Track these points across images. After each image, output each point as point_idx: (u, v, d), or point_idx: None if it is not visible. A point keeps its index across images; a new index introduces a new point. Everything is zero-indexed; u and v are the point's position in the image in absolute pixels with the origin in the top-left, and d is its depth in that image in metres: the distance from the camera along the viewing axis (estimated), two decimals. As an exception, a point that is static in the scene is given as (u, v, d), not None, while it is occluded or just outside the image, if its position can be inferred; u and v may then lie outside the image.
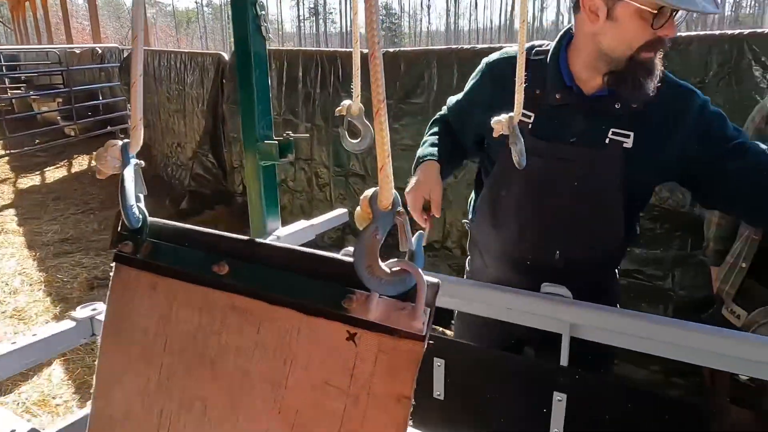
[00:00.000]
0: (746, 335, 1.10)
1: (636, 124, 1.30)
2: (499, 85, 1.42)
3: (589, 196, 1.34)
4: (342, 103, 1.40)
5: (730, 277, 1.78)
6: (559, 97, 1.35)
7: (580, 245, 1.41)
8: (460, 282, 1.40)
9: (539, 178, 1.38)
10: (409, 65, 3.29)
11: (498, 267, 1.56)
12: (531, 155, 1.31)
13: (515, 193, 1.43)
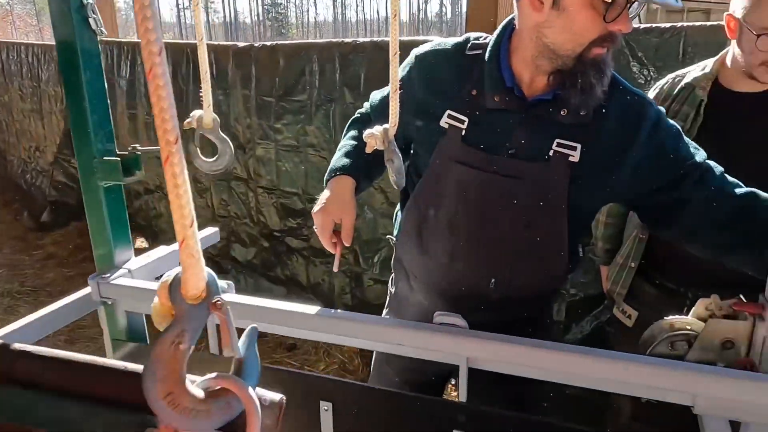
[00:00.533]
0: (639, 360, 1.04)
1: (584, 135, 1.14)
2: (431, 82, 1.25)
3: (530, 217, 1.18)
4: (191, 115, 1.16)
5: (621, 277, 1.76)
6: (497, 99, 1.17)
7: (519, 274, 1.24)
8: (343, 316, 1.23)
9: (473, 195, 1.20)
10: (288, 60, 3.05)
11: (425, 293, 1.38)
12: (463, 167, 1.18)
13: (445, 212, 1.23)
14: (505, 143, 1.18)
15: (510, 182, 1.17)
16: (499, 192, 1.18)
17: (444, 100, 1.20)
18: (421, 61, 1.28)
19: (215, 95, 3.50)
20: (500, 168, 1.17)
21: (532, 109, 1.17)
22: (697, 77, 1.57)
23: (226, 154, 1.18)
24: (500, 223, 1.20)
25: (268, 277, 3.56)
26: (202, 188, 3.82)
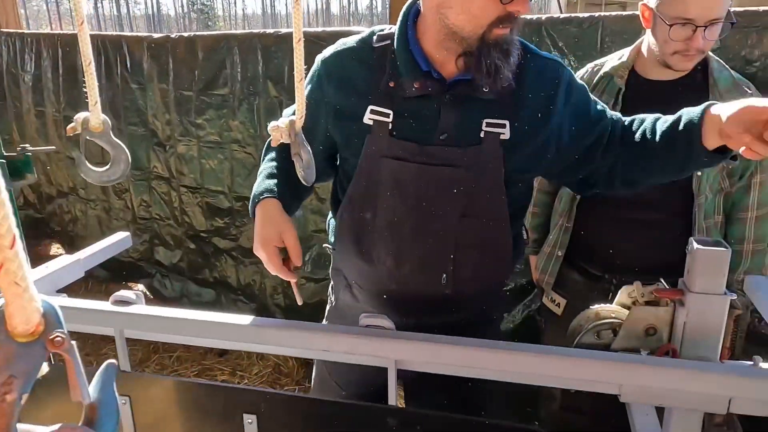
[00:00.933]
0: (566, 353, 1.04)
1: (509, 110, 1.13)
2: (343, 83, 1.20)
3: (471, 203, 1.15)
4: (75, 118, 1.02)
5: (548, 265, 1.78)
6: (417, 86, 1.13)
7: (468, 264, 1.21)
8: (266, 324, 1.15)
9: (409, 189, 1.15)
10: (207, 52, 2.90)
11: (371, 301, 1.31)
12: (395, 162, 1.13)
13: (383, 213, 1.18)
14: (435, 130, 1.14)
15: (445, 171, 1.13)
16: (435, 182, 1.15)
17: (362, 98, 1.16)
18: (327, 65, 1.24)
19: (129, 89, 3.30)
20: (433, 157, 1.14)
21: (453, 90, 1.14)
22: (614, 66, 1.59)
23: (121, 161, 1.05)
24: (441, 215, 1.17)
25: (196, 280, 3.40)
26: (120, 189, 3.59)
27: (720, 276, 1.00)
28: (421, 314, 1.25)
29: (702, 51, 1.44)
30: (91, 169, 1.03)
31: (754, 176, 1.54)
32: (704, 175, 1.51)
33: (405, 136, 1.15)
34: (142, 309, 1.23)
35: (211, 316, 1.21)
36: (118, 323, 1.24)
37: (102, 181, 1.05)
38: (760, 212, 1.58)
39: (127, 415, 1.23)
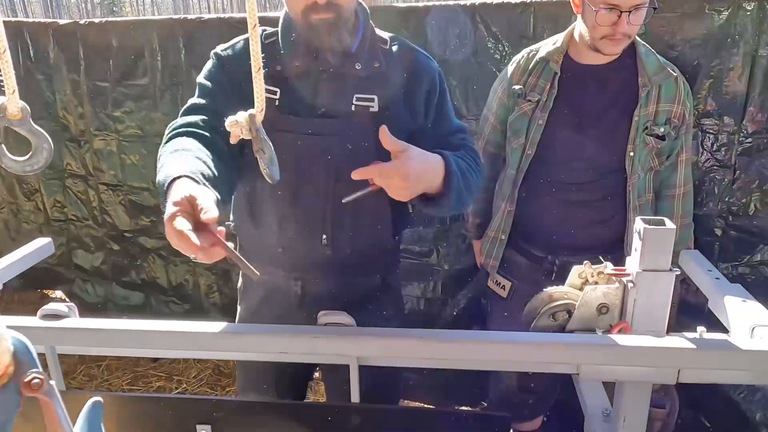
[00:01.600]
0: (525, 338, 1.06)
1: (378, 87, 1.28)
2: (236, 73, 1.29)
3: (344, 170, 1.20)
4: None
5: (493, 249, 1.80)
6: (298, 63, 1.28)
7: (346, 228, 1.31)
8: (212, 328, 1.09)
9: (292, 157, 1.26)
10: (122, 39, 2.70)
11: (266, 268, 1.35)
12: (281, 133, 1.23)
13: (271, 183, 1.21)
14: (315, 105, 1.28)
15: (323, 140, 1.27)
16: (314, 151, 1.27)
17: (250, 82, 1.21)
18: (220, 58, 1.34)
19: (35, 80, 3.03)
20: (313, 129, 1.27)
21: (331, 68, 1.27)
22: (549, 51, 1.63)
23: (44, 150, 0.97)
24: (318, 180, 1.28)
25: (122, 283, 3.20)
26: (29, 189, 3.31)
27: (666, 253, 1.04)
28: (308, 275, 1.36)
29: (628, 35, 1.50)
30: (11, 159, 0.94)
31: (680, 155, 1.63)
32: (636, 155, 1.57)
33: (290, 111, 1.27)
34: (76, 322, 1.13)
35: (156, 325, 1.13)
36: (50, 339, 1.13)
37: (25, 171, 0.96)
38: (686, 189, 1.67)
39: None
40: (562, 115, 1.62)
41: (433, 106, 1.34)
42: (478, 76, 2.00)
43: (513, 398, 1.95)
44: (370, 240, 1.35)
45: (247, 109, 1.05)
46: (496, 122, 1.77)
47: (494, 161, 1.84)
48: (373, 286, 1.44)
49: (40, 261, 1.49)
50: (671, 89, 1.55)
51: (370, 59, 1.28)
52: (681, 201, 1.67)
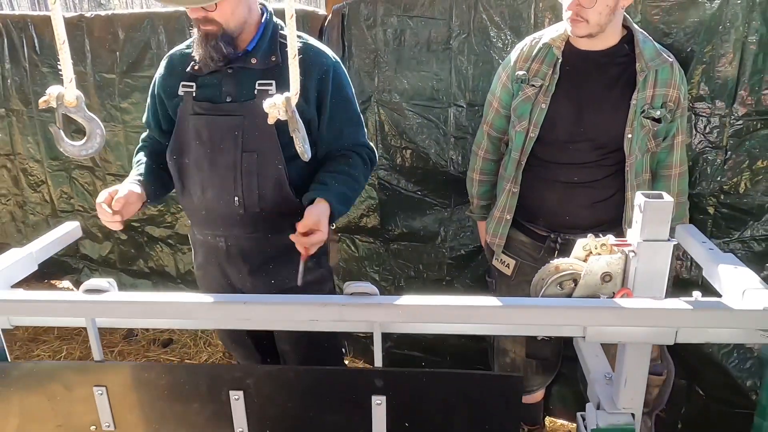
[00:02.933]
0: (536, 303, 1.14)
1: (276, 77, 1.55)
2: (170, 72, 1.66)
3: (251, 144, 1.56)
4: (48, 92, 0.99)
5: (498, 229, 1.89)
6: (206, 63, 1.55)
7: (253, 188, 1.59)
8: (252, 299, 1.16)
9: (206, 136, 1.59)
10: (129, 32, 2.76)
11: (199, 229, 1.74)
12: (197, 117, 1.59)
13: (192, 155, 1.62)
14: (224, 94, 1.59)
15: (232, 119, 1.57)
16: (224, 128, 1.58)
17: (178, 80, 1.64)
18: (165, 59, 1.73)
19: (40, 73, 3.08)
20: (224, 111, 1.58)
21: (234, 63, 1.57)
22: (553, 38, 1.71)
23: (97, 135, 1.04)
24: (229, 152, 1.58)
25: (130, 272, 3.27)
26: (35, 181, 3.37)
27: (665, 224, 1.13)
28: (229, 232, 1.66)
29: (584, 18, 1.57)
30: (69, 143, 1.01)
31: (676, 137, 1.71)
32: (634, 137, 1.66)
33: (203, 98, 1.60)
34: (118, 296, 1.20)
35: (188, 297, 1.20)
36: (91, 312, 1.20)
37: (81, 155, 1.03)
38: (682, 169, 1.76)
39: (104, 405, 1.21)
40: (563, 99, 1.70)
41: (326, 97, 1.60)
42: (486, 63, 2.08)
43: (517, 371, 2.05)
44: (276, 200, 1.61)
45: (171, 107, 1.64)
46: (499, 107, 1.84)
47: (497, 144, 1.92)
48: (288, 242, 1.59)
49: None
50: (667, 74, 1.64)
51: (267, 54, 1.57)
52: (677, 180, 1.75)
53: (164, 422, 1.23)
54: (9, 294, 1.25)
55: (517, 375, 1.14)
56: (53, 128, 1.04)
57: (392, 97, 2.26)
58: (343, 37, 2.29)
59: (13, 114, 3.25)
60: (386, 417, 1.14)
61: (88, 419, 1.23)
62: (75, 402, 1.22)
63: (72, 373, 1.22)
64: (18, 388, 1.25)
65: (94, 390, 1.20)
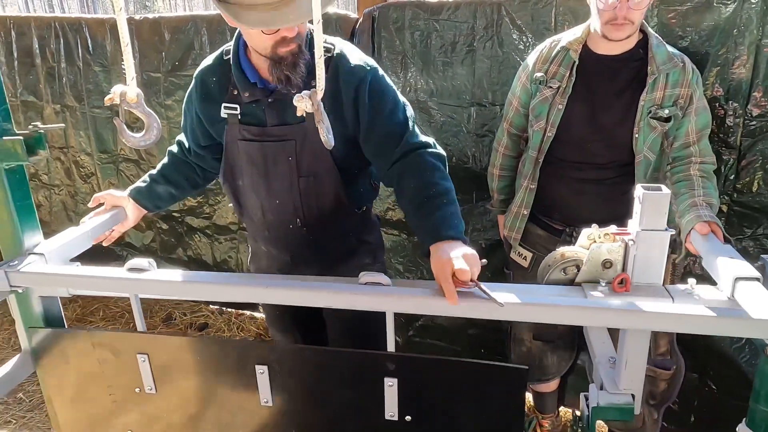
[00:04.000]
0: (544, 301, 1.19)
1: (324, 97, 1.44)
2: (205, 93, 1.57)
3: (305, 167, 1.52)
4: (112, 90, 1.15)
5: (516, 223, 1.98)
6: (248, 95, 1.49)
7: (314, 209, 1.58)
8: (276, 284, 1.28)
9: (258, 160, 1.54)
10: (174, 34, 2.94)
11: (263, 243, 1.74)
12: (244, 142, 1.53)
13: (246, 179, 1.59)
14: (268, 117, 1.50)
15: (284, 145, 1.50)
16: (278, 154, 1.52)
17: (218, 101, 1.55)
18: (197, 79, 1.61)
19: (92, 72, 3.29)
20: (274, 136, 1.51)
21: (274, 94, 1.48)
22: (570, 41, 1.79)
23: (154, 128, 1.18)
24: (285, 177, 1.54)
25: (170, 260, 3.46)
26: (86, 173, 3.60)
27: (662, 215, 1.21)
28: (294, 248, 1.66)
29: (630, 20, 1.62)
30: (131, 135, 1.15)
31: (689, 135, 1.74)
32: (641, 137, 1.73)
33: (249, 121, 1.52)
34: (156, 274, 1.33)
35: (221, 278, 1.32)
36: (133, 288, 1.35)
37: (140, 145, 1.17)
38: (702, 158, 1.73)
39: (147, 371, 1.35)
40: (578, 101, 1.78)
41: (364, 111, 1.47)
42: (504, 65, 2.17)
43: (532, 361, 2.13)
44: (337, 216, 1.61)
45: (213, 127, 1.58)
46: (518, 106, 1.94)
47: (517, 141, 2.01)
48: (350, 246, 1.71)
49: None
50: (677, 75, 1.69)
51: (308, 79, 1.42)
52: (698, 164, 1.72)
53: (199, 389, 1.35)
54: (68, 269, 1.41)
55: (521, 367, 1.18)
56: (117, 121, 1.19)
57: (418, 96, 2.37)
58: (373, 39, 2.40)
59: (67, 110, 3.47)
60: (397, 398, 1.22)
61: (133, 383, 1.38)
62: (122, 367, 1.37)
63: (119, 341, 1.37)
64: (74, 353, 1.40)
65: (138, 357, 1.33)
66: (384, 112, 1.49)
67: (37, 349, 1.43)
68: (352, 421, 1.29)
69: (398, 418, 1.23)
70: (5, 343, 3.10)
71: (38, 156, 1.36)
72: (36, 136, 1.34)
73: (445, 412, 1.23)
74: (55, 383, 1.46)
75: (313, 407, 1.32)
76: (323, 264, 1.69)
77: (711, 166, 1.74)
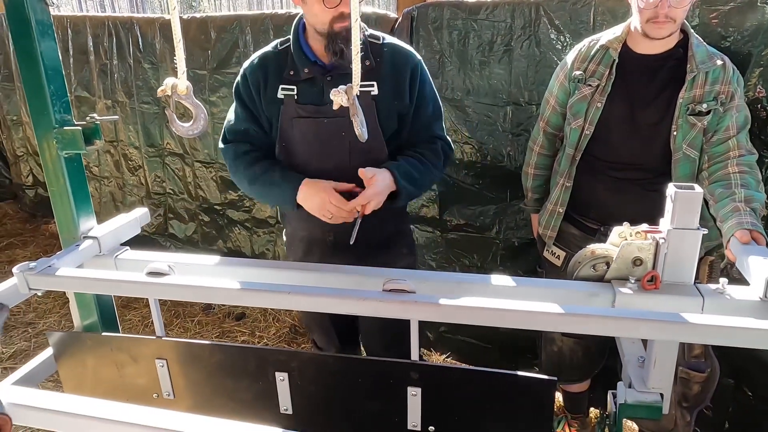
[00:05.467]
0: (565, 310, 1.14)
1: (375, 77, 1.62)
2: (260, 78, 1.67)
3: (356, 144, 1.51)
4: (165, 83, 1.23)
5: (551, 222, 1.99)
6: (307, 71, 1.62)
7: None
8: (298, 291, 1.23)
9: (311, 138, 1.65)
10: (219, 33, 3.05)
11: (305, 225, 1.78)
12: (301, 119, 1.63)
13: (301, 159, 1.68)
14: (325, 97, 1.56)
15: (339, 121, 1.58)
16: (332, 130, 1.62)
17: (274, 84, 1.66)
18: (249, 65, 1.72)
19: (142, 69, 3.44)
20: (326, 114, 1.61)
21: (332, 72, 1.62)
22: (610, 40, 1.79)
23: (201, 118, 1.26)
24: (337, 153, 1.64)
25: (210, 251, 3.58)
26: (133, 166, 3.76)
27: (694, 214, 1.21)
28: (338, 227, 1.65)
29: (672, 18, 1.61)
30: (180, 124, 1.23)
31: (729, 130, 1.70)
32: (679, 134, 1.71)
33: (305, 101, 1.64)
34: (175, 279, 1.27)
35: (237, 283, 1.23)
36: (152, 293, 1.28)
37: (188, 134, 1.25)
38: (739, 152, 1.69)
39: (165, 376, 1.32)
40: (618, 99, 1.78)
41: (415, 90, 1.68)
42: (542, 64, 2.18)
43: (563, 361, 2.13)
44: None
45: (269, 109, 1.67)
46: (556, 105, 1.94)
47: (553, 141, 2.02)
48: (389, 233, 1.81)
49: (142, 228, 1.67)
50: (717, 74, 1.67)
51: (363, 59, 1.52)
52: (736, 158, 1.68)
53: (217, 396, 1.31)
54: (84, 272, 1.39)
55: (549, 378, 1.13)
56: (168, 111, 1.27)
57: (455, 94, 2.40)
58: (411, 39, 2.45)
59: (117, 105, 3.64)
60: (420, 407, 1.19)
61: (151, 388, 1.35)
62: (140, 371, 1.34)
63: (137, 346, 1.34)
64: (92, 356, 1.38)
65: (156, 362, 1.31)
66: (429, 100, 1.72)
67: (58, 350, 1.41)
68: (373, 431, 1.26)
69: (421, 428, 1.21)
70: (56, 325, 3.27)
71: (94, 145, 1.45)
72: (93, 127, 1.44)
73: (470, 422, 1.20)
74: (74, 385, 1.43)
75: (334, 416, 1.29)
76: (364, 250, 1.68)
77: (752, 157, 1.70)
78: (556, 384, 1.20)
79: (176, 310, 3.29)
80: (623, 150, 1.82)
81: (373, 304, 1.18)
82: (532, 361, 2.46)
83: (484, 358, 2.62)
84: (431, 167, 1.72)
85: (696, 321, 1.06)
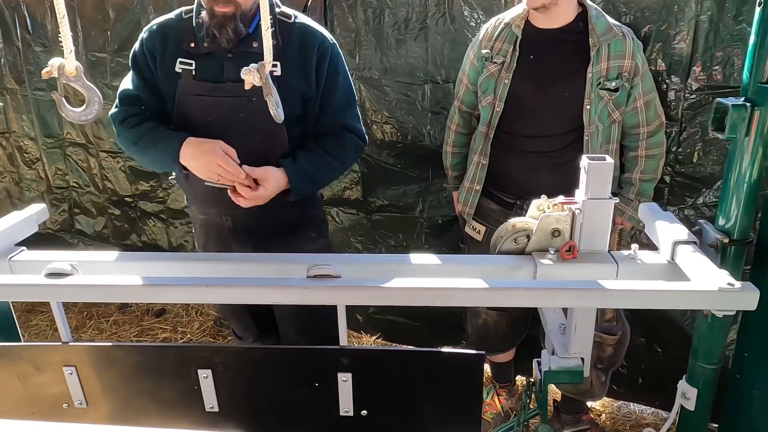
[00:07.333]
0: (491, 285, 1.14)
1: (279, 56, 1.54)
2: (160, 46, 1.60)
3: (254, 123, 1.55)
4: (50, 63, 1.10)
5: (468, 199, 2.02)
6: (206, 45, 1.54)
7: (259, 165, 1.56)
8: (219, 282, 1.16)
9: (211, 117, 1.57)
10: (119, 12, 2.84)
11: (203, 208, 1.74)
12: (198, 97, 1.56)
13: (199, 135, 1.56)
14: (225, 75, 1.55)
15: (237, 101, 1.54)
16: (230, 110, 1.56)
17: (173, 55, 1.58)
18: (147, 32, 1.65)
19: (33, 52, 3.15)
20: (226, 92, 1.56)
21: (233, 49, 1.54)
22: (513, 17, 1.83)
23: (95, 102, 1.15)
24: (234, 133, 1.56)
25: (124, 246, 3.38)
26: (30, 159, 3.46)
27: (606, 184, 1.26)
28: (234, 211, 1.63)
29: None
30: (70, 109, 1.12)
31: (637, 100, 1.81)
32: (592, 108, 1.78)
33: (203, 78, 1.57)
34: (77, 279, 1.17)
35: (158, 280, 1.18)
36: (54, 295, 1.19)
37: (81, 120, 1.14)
38: (650, 128, 1.85)
39: (75, 384, 1.22)
40: (524, 75, 1.82)
41: (323, 74, 1.61)
42: (457, 42, 2.19)
43: (489, 333, 2.19)
44: None
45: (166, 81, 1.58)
46: (468, 83, 1.96)
47: (468, 119, 2.04)
48: (292, 217, 1.72)
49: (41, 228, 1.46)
50: (619, 46, 1.75)
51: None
52: (645, 138, 1.85)
53: (136, 400, 1.24)
54: None
55: (478, 352, 1.15)
56: (55, 95, 1.14)
57: (372, 74, 2.37)
58: (325, 17, 2.38)
59: (7, 93, 3.32)
60: (352, 392, 1.17)
61: (59, 398, 1.24)
62: (46, 381, 1.23)
63: (41, 354, 1.23)
64: None
65: (64, 370, 1.20)
66: (339, 86, 1.65)
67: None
68: (305, 421, 1.25)
69: (354, 413, 1.19)
70: None
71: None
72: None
73: (403, 403, 1.21)
74: (-31, 402, 1.28)
75: (263, 409, 1.25)
76: (266, 235, 1.68)
77: (659, 131, 1.88)
78: (485, 357, 1.21)
79: (89, 311, 3.09)
80: (534, 125, 1.86)
81: (298, 291, 1.14)
82: (460, 335, 2.51)
83: (413, 337, 2.64)
84: (333, 162, 1.67)
85: (612, 287, 1.09)
